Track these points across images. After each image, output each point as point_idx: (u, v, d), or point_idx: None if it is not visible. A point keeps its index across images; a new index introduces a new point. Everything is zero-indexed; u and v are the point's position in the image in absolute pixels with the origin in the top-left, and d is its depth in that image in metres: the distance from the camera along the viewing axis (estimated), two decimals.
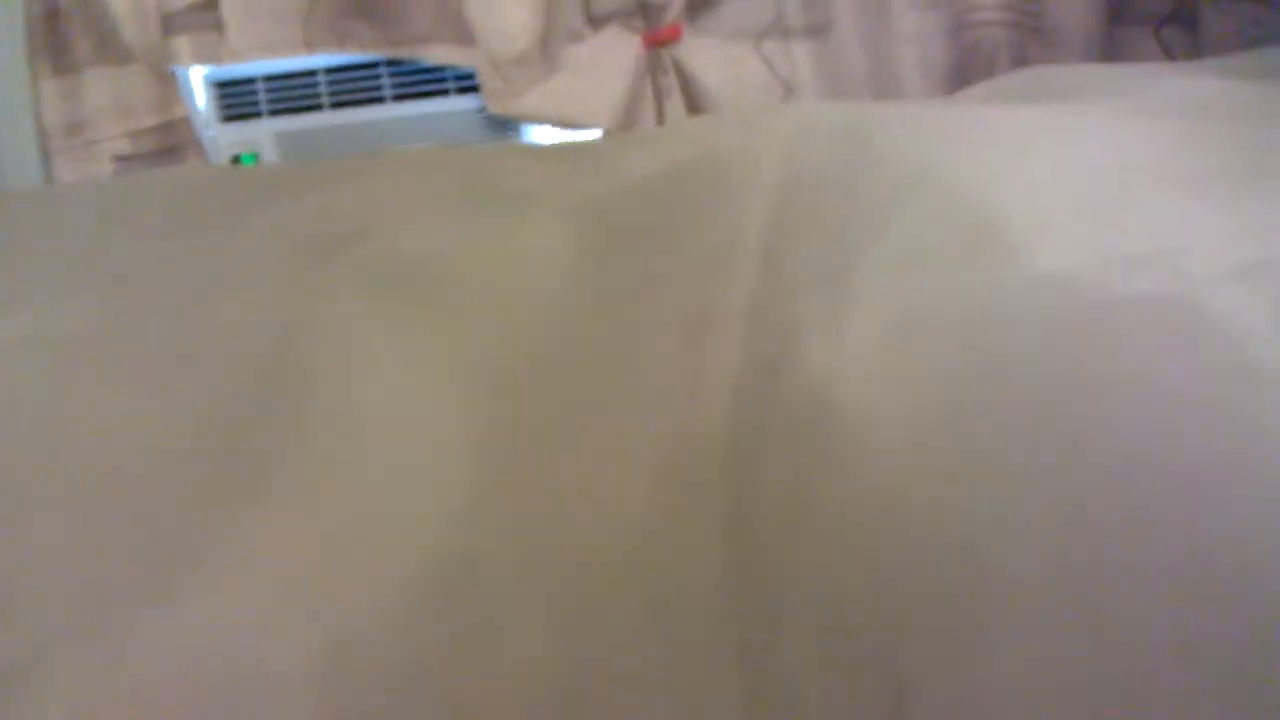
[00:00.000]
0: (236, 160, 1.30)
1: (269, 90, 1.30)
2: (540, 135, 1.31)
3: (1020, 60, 1.30)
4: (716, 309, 0.56)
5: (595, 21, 1.27)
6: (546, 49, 1.24)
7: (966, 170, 0.66)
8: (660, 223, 0.66)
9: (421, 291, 0.65)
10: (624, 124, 1.26)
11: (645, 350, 0.55)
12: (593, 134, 1.27)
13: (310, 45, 1.25)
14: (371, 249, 0.71)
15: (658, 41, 1.27)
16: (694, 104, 1.30)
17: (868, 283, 0.55)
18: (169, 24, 1.24)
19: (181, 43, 1.25)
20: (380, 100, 1.29)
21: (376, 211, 0.77)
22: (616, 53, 1.27)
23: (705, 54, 1.29)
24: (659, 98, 1.29)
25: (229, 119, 1.30)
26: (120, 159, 1.25)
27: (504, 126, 1.29)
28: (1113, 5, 1.31)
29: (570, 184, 0.75)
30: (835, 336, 0.52)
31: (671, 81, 1.28)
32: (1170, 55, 1.32)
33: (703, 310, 0.56)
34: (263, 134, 1.30)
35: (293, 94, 1.31)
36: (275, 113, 1.31)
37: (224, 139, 1.30)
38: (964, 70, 1.31)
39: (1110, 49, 1.32)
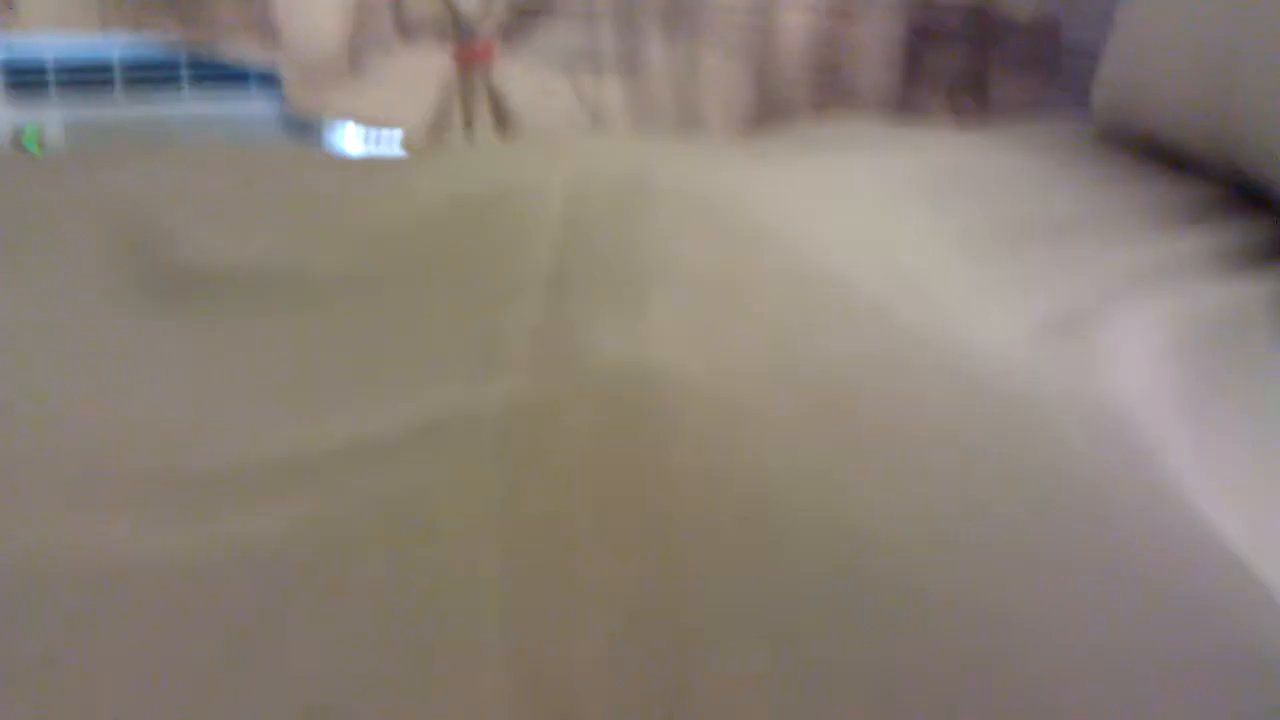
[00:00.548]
0: (18, 139, 1.24)
1: (59, 74, 1.25)
2: (343, 139, 1.30)
3: (820, 110, 1.36)
4: (503, 336, 0.55)
5: (406, 32, 1.27)
6: (354, 55, 1.23)
7: (743, 213, 0.69)
8: (447, 257, 0.66)
9: (204, 308, 0.62)
10: (430, 134, 1.26)
11: (431, 361, 0.54)
12: (394, 140, 1.26)
13: (106, 26, 1.21)
14: (159, 255, 0.69)
15: (469, 59, 1.28)
16: (502, 123, 1.30)
17: (659, 301, 0.56)
18: None
19: None
20: (178, 93, 1.26)
21: (166, 211, 0.74)
22: (426, 64, 1.27)
23: (517, 77, 1.30)
24: (467, 115, 1.29)
25: (13, 98, 1.24)
26: None
27: (304, 128, 1.27)
28: (909, 68, 1.38)
29: (364, 207, 0.74)
30: (637, 338, 0.52)
31: (481, 100, 1.29)
32: (960, 117, 1.40)
33: (488, 338, 0.55)
34: (49, 118, 1.24)
35: (85, 79, 1.26)
36: (65, 97, 1.25)
37: (4, 118, 1.24)
38: (766, 116, 1.36)
39: (906, 108, 1.39)
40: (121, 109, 1.27)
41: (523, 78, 1.30)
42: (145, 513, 0.42)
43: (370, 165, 0.87)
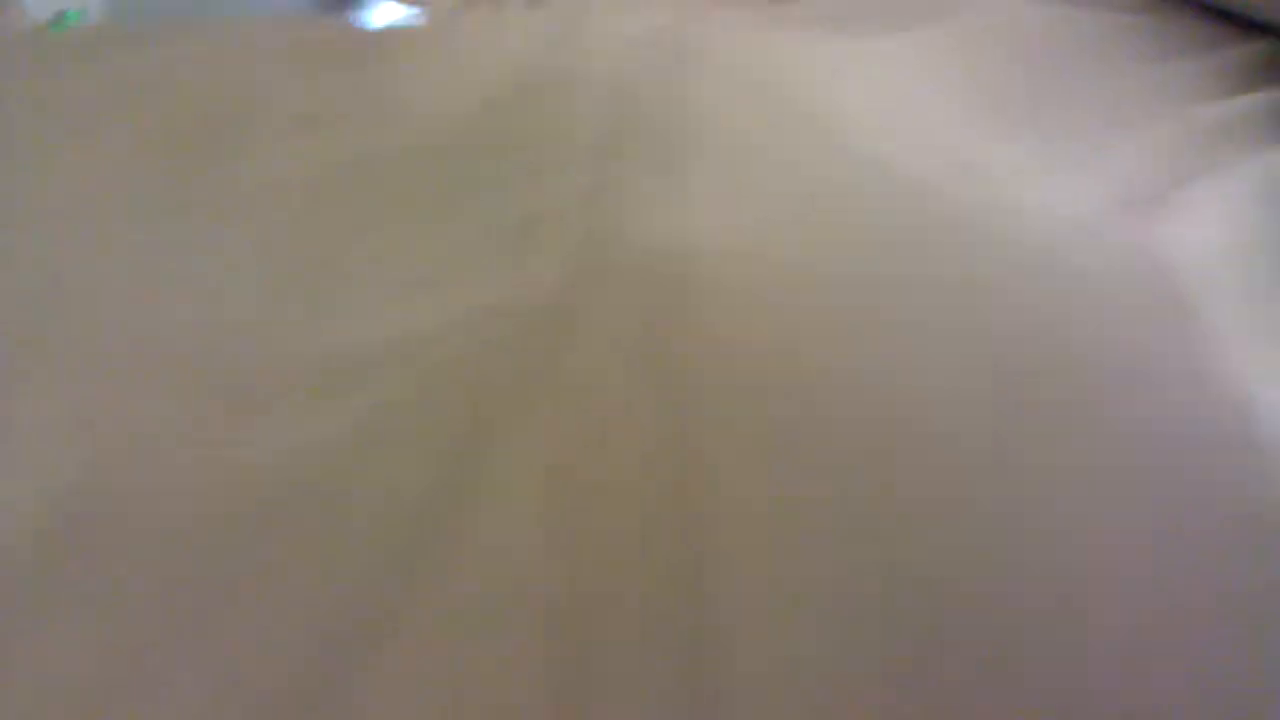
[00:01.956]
0: (60, 18, 1.24)
1: None
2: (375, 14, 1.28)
3: None
4: (550, 205, 0.56)
5: None
6: None
7: (786, 87, 0.68)
8: (501, 135, 0.66)
9: (261, 201, 0.62)
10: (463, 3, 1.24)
11: (481, 242, 0.56)
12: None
13: None
14: (212, 146, 0.68)
15: None
16: None
17: (701, 170, 0.57)
18: None
19: None
20: None
21: (216, 95, 0.73)
22: None
23: None
24: None
25: None
26: None
27: (337, 3, 1.25)
28: None
29: (417, 92, 0.73)
30: (676, 209, 0.53)
31: None
32: None
33: (538, 207, 0.56)
34: None
35: None
36: None
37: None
38: None
39: None
40: None
41: None
42: (208, 414, 0.44)
43: (416, 45, 0.86)
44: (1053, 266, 0.48)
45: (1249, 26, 0.82)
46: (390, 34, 0.93)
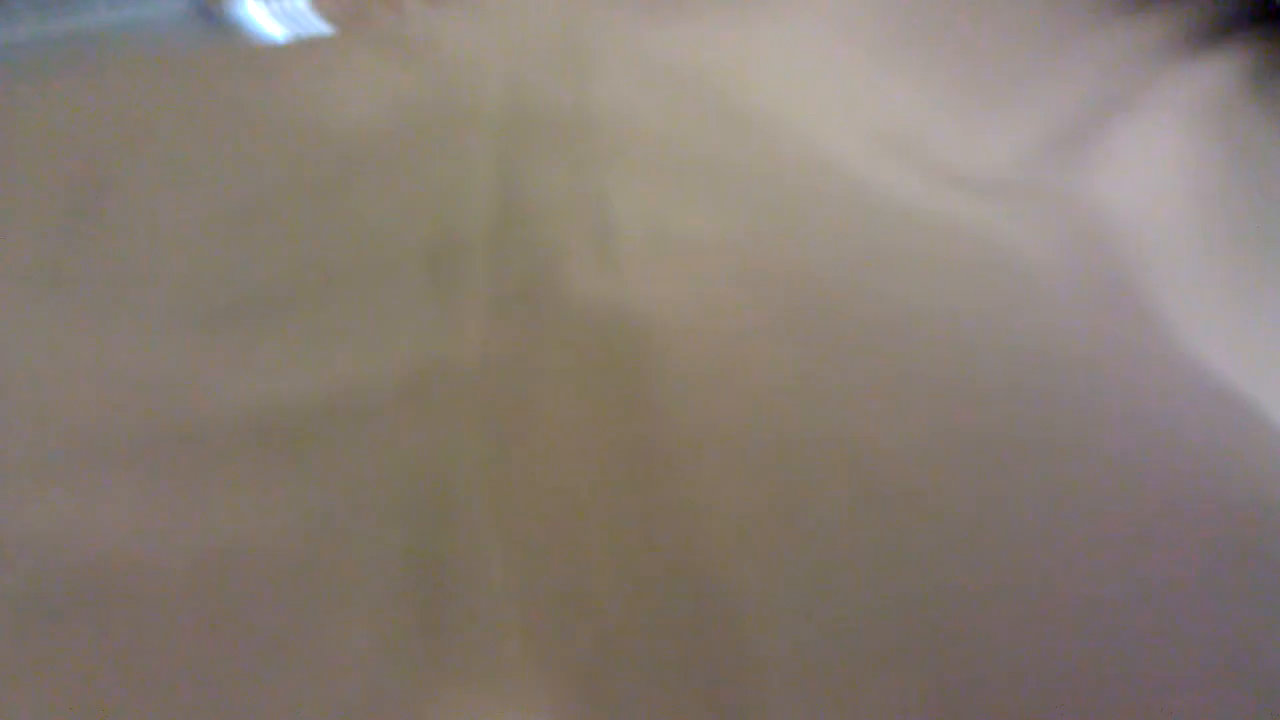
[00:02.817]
0: None
1: None
2: (254, 19, 1.22)
3: None
4: (460, 238, 0.53)
5: None
6: None
7: (700, 81, 0.65)
8: (397, 154, 0.63)
9: (148, 246, 0.59)
10: None
11: (391, 280, 0.52)
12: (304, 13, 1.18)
13: None
14: (99, 202, 0.64)
15: None
16: None
17: (623, 200, 0.54)
18: None
19: None
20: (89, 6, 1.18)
21: (106, 152, 0.69)
22: None
23: None
24: None
25: None
26: None
27: (220, 16, 1.19)
28: None
29: (303, 108, 0.69)
30: (601, 257, 0.50)
31: None
32: None
33: (446, 239, 0.53)
34: None
35: None
36: None
37: None
38: None
39: None
40: (25, 25, 1.19)
41: None
42: (139, 490, 0.42)
43: (305, 60, 0.82)
44: (994, 264, 0.47)
45: None
46: (276, 49, 0.88)
